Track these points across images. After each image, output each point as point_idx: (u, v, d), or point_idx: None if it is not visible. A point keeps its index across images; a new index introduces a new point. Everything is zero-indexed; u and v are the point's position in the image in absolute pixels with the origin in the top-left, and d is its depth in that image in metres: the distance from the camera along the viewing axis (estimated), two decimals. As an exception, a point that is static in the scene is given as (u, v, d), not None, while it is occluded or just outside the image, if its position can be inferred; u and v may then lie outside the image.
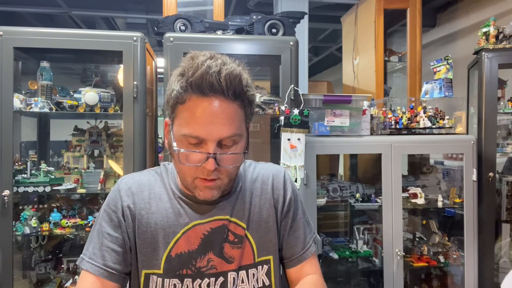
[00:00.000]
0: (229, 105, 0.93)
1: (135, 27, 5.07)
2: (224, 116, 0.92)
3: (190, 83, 0.91)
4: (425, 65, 3.03)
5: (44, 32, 2.16)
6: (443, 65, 2.67)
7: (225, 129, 0.92)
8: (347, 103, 2.44)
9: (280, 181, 1.15)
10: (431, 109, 2.61)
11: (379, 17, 3.16)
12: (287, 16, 2.51)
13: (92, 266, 1.01)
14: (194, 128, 0.92)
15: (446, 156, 2.94)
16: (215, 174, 0.96)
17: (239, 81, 0.93)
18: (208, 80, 0.90)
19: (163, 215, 1.04)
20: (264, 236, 1.09)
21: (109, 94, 2.30)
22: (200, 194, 0.99)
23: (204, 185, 0.97)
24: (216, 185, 0.98)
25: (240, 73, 0.94)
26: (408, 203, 2.58)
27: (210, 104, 0.91)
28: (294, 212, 1.15)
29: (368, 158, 3.01)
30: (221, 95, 0.92)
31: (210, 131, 0.91)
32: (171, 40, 2.20)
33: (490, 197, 2.54)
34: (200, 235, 1.04)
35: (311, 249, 1.16)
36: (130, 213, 1.04)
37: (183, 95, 0.93)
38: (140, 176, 1.11)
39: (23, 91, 2.32)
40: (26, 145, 2.56)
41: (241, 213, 1.08)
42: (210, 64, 0.91)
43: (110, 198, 1.08)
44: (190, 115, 0.92)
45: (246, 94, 0.97)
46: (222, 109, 0.92)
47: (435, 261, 2.58)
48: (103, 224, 1.04)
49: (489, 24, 2.62)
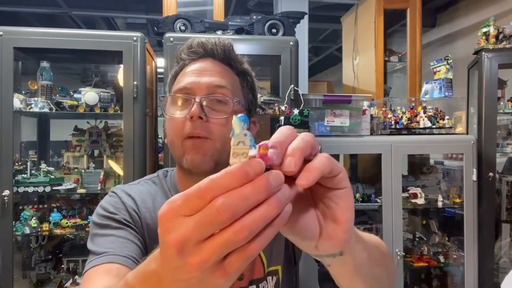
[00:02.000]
0: (220, 65, 0.96)
1: (135, 27, 5.06)
2: (214, 69, 0.94)
3: (183, 50, 0.97)
4: (425, 65, 3.03)
5: (44, 32, 2.16)
6: (443, 65, 2.68)
7: (214, 78, 0.92)
8: (347, 103, 2.44)
9: None
10: (431, 109, 2.61)
11: (379, 17, 3.16)
12: (287, 16, 2.51)
13: (112, 257, 0.82)
14: (183, 82, 0.93)
15: (446, 156, 2.94)
16: (204, 128, 0.88)
17: (229, 45, 0.96)
18: (198, 42, 0.95)
19: None
20: (272, 246, 1.01)
21: (109, 94, 2.30)
22: (188, 159, 0.89)
23: (192, 142, 0.89)
24: (206, 146, 0.89)
25: (231, 42, 0.97)
26: (408, 203, 2.58)
27: (200, 63, 0.95)
28: None
29: (368, 158, 3.00)
30: (211, 56, 0.95)
31: (198, 80, 0.92)
32: (171, 40, 2.19)
33: (490, 197, 2.53)
34: None
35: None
36: (138, 217, 0.93)
37: (178, 68, 0.98)
38: (137, 186, 1.02)
39: (23, 91, 2.32)
40: (26, 145, 2.56)
41: None
42: (201, 36, 1.00)
43: (107, 205, 0.94)
44: (181, 74, 0.96)
45: (238, 60, 0.98)
46: (212, 65, 0.95)
47: (435, 261, 2.58)
48: (103, 227, 0.89)
49: (489, 24, 2.62)
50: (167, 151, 2.20)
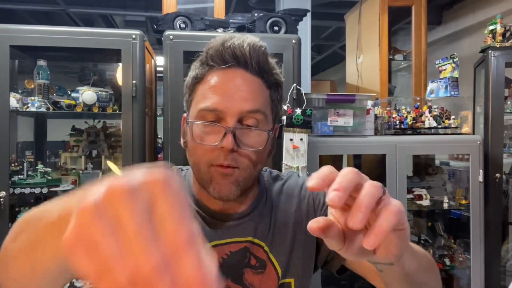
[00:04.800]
0: (252, 78, 0.85)
1: (134, 25, 5.05)
2: (247, 89, 0.83)
3: (210, 55, 0.85)
4: (431, 63, 3.01)
5: (41, 30, 2.13)
6: (448, 63, 2.66)
7: (248, 102, 0.82)
8: (351, 102, 2.43)
9: (308, 192, 1.01)
10: (436, 109, 2.59)
11: (383, 15, 3.14)
12: (290, 13, 2.50)
13: None
14: (212, 100, 0.82)
15: (452, 157, 2.94)
16: (234, 159, 0.82)
17: (263, 53, 0.85)
18: (229, 46, 0.82)
19: None
20: (290, 257, 0.95)
21: (108, 94, 2.28)
22: (215, 188, 0.84)
23: (221, 171, 0.83)
24: (234, 175, 0.84)
25: (265, 47, 0.86)
26: (413, 205, 2.57)
27: (231, 75, 0.83)
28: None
29: (372, 158, 3.00)
30: (243, 66, 0.84)
31: (230, 103, 0.81)
32: (170, 38, 2.17)
33: (497, 199, 2.52)
34: (219, 258, 0.89)
35: None
36: None
37: (202, 71, 0.86)
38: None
39: (19, 90, 2.29)
40: (23, 145, 2.53)
41: (264, 233, 0.94)
42: (232, 36, 0.84)
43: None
44: (208, 87, 0.84)
45: (271, 71, 0.88)
46: (244, 82, 0.83)
47: (440, 264, 2.57)
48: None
49: (496, 22, 2.61)
50: (166, 151, 2.18)
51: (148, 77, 2.33)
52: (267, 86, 0.88)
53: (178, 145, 2.36)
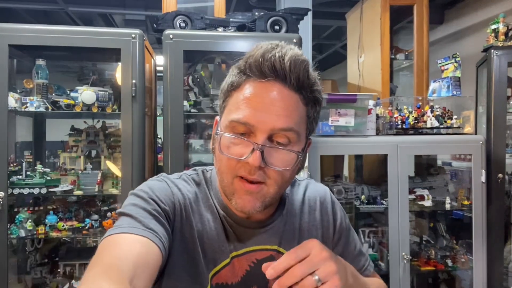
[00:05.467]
0: (290, 94, 0.80)
1: (134, 24, 5.04)
2: (282, 105, 0.79)
3: (249, 64, 0.81)
4: (433, 63, 3.00)
5: (39, 29, 2.13)
6: (451, 63, 2.64)
7: (281, 119, 0.78)
8: (352, 102, 2.41)
9: (329, 205, 1.03)
10: (438, 109, 2.58)
11: (385, 14, 3.12)
12: (290, 12, 2.49)
13: (132, 229, 0.76)
14: (244, 112, 0.79)
15: (454, 157, 2.93)
16: (261, 175, 0.80)
17: (304, 68, 0.80)
18: (269, 59, 0.78)
19: (208, 236, 0.89)
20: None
21: (107, 93, 2.27)
22: (238, 203, 0.82)
23: (245, 188, 0.81)
24: (260, 192, 0.82)
25: (307, 62, 0.81)
26: (415, 205, 2.55)
27: (267, 88, 0.79)
28: (346, 238, 1.04)
29: (374, 159, 2.98)
30: (282, 80, 0.80)
31: (262, 118, 0.78)
32: (170, 37, 2.17)
33: (499, 199, 2.50)
34: (246, 266, 0.90)
35: (369, 269, 1.05)
36: (181, 219, 0.88)
37: (239, 79, 0.82)
38: (185, 184, 0.94)
39: (18, 90, 2.29)
40: (21, 145, 2.52)
41: (291, 242, 0.94)
42: (276, 46, 0.80)
43: (154, 185, 0.88)
44: (243, 98, 0.80)
45: (311, 88, 0.83)
46: (280, 97, 0.79)
47: (442, 265, 2.56)
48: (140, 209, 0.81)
49: (499, 21, 2.59)
50: (166, 151, 2.17)
51: (147, 77, 2.32)
52: (305, 102, 0.83)
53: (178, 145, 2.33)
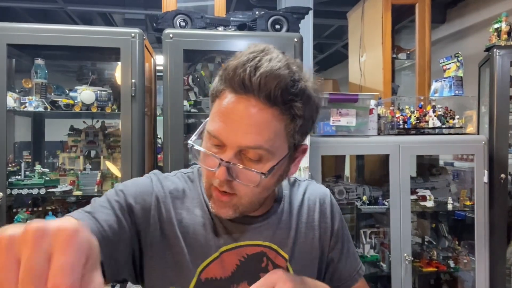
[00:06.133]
0: (261, 110, 0.77)
1: (133, 23, 5.03)
2: (251, 122, 0.77)
3: (225, 76, 0.80)
4: (435, 62, 2.99)
5: (38, 29, 2.12)
6: (453, 62, 2.63)
7: (248, 137, 0.77)
8: (354, 102, 2.41)
9: (328, 207, 1.02)
10: (440, 108, 2.57)
11: (386, 13, 3.11)
12: (291, 11, 2.47)
13: (77, 213, 0.81)
14: (216, 125, 0.79)
15: (456, 157, 2.92)
16: (229, 188, 0.81)
17: (277, 84, 0.75)
18: (240, 75, 0.76)
19: (195, 231, 0.90)
20: (304, 271, 0.93)
21: (106, 93, 2.26)
22: (213, 207, 0.86)
23: (217, 197, 0.83)
24: (231, 202, 0.83)
25: (286, 75, 0.76)
26: (416, 206, 2.55)
27: (239, 104, 0.77)
28: (342, 243, 1.03)
29: (375, 159, 2.97)
30: (252, 96, 0.77)
31: (231, 134, 0.78)
32: (170, 36, 2.16)
33: (502, 200, 2.49)
34: (236, 261, 0.90)
35: (360, 273, 1.05)
36: (159, 218, 0.89)
37: (218, 88, 0.82)
38: (175, 179, 0.96)
39: (16, 90, 2.28)
40: (20, 145, 2.52)
41: (284, 241, 0.94)
42: (253, 57, 0.76)
43: (130, 182, 0.91)
44: (217, 110, 0.80)
45: (288, 103, 0.78)
46: (251, 114, 0.77)
47: (444, 266, 2.55)
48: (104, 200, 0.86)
49: (501, 20, 2.58)
50: (166, 151, 2.15)
51: (147, 76, 2.31)
52: (282, 116, 0.79)
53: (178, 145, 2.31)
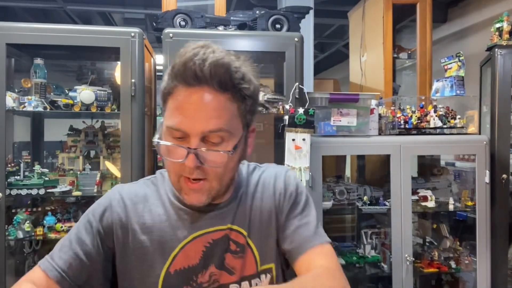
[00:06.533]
0: (216, 96, 0.86)
1: (133, 23, 5.05)
2: (209, 109, 0.86)
3: (175, 74, 0.87)
4: (436, 62, 2.98)
5: (38, 28, 2.11)
6: (454, 62, 2.62)
7: (210, 122, 0.86)
8: (354, 101, 2.40)
9: (281, 178, 1.07)
10: (442, 108, 2.55)
11: (387, 12, 3.10)
12: (292, 11, 2.47)
13: (46, 263, 0.93)
14: (177, 120, 0.86)
15: (458, 157, 2.92)
16: (200, 173, 0.89)
17: (226, 70, 0.86)
18: (191, 68, 0.84)
19: (159, 230, 0.98)
20: (266, 242, 1.02)
21: (106, 93, 2.25)
22: (186, 199, 0.93)
23: (188, 186, 0.91)
24: (204, 187, 0.91)
25: (229, 62, 0.86)
26: (418, 206, 2.53)
27: (194, 95, 0.86)
28: (298, 205, 1.04)
29: (376, 159, 2.96)
30: (206, 85, 0.86)
31: (193, 124, 0.85)
32: (170, 36, 2.15)
33: (504, 200, 2.47)
34: (202, 247, 0.98)
35: (319, 239, 1.01)
36: (121, 227, 0.98)
37: (170, 85, 0.89)
38: (135, 187, 1.05)
39: (16, 89, 2.27)
40: (19, 145, 2.51)
41: (243, 220, 1.01)
42: (198, 51, 0.85)
43: (96, 205, 1.00)
44: (174, 106, 0.88)
45: (237, 86, 0.88)
46: (207, 101, 0.86)
47: (446, 267, 2.53)
48: (80, 229, 0.97)
49: (503, 20, 2.56)
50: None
51: (147, 76, 2.30)
52: (234, 100, 0.89)
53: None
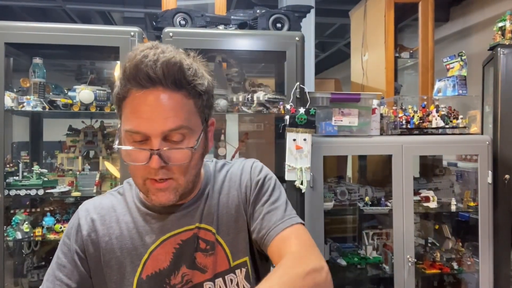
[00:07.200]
0: (171, 96, 0.87)
1: (133, 22, 5.03)
2: (167, 108, 0.86)
3: (127, 76, 0.86)
4: (438, 61, 2.97)
5: (37, 27, 2.10)
6: (456, 61, 2.61)
7: (169, 121, 0.86)
8: (356, 101, 2.40)
9: (247, 170, 1.07)
10: (444, 108, 2.54)
11: (389, 11, 3.10)
12: (293, 10, 2.45)
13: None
14: (135, 123, 0.86)
15: (460, 158, 2.90)
16: (165, 173, 0.89)
17: (178, 69, 0.86)
18: (143, 70, 0.84)
19: (127, 238, 0.99)
20: (237, 237, 1.02)
21: (105, 92, 2.24)
22: (154, 199, 0.92)
23: (155, 187, 0.91)
24: (170, 186, 0.91)
25: (181, 60, 0.87)
26: (419, 207, 2.53)
27: (150, 96, 0.86)
28: (266, 192, 1.02)
29: (378, 159, 2.95)
30: (160, 85, 0.86)
31: (152, 125, 0.85)
32: (170, 35, 2.14)
33: (506, 201, 2.46)
34: (171, 250, 0.98)
35: (288, 221, 0.98)
36: (91, 242, 0.99)
37: (124, 89, 0.88)
38: (101, 200, 1.06)
39: (14, 89, 2.25)
40: (18, 145, 2.49)
41: (210, 217, 1.01)
42: (147, 53, 0.84)
43: (69, 228, 1.02)
44: (130, 109, 0.87)
45: (192, 83, 0.89)
46: (163, 101, 0.86)
47: (448, 268, 2.53)
48: (60, 256, 0.99)
49: (505, 19, 2.55)
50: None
51: (147, 76, 2.28)
52: (190, 97, 0.90)
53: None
